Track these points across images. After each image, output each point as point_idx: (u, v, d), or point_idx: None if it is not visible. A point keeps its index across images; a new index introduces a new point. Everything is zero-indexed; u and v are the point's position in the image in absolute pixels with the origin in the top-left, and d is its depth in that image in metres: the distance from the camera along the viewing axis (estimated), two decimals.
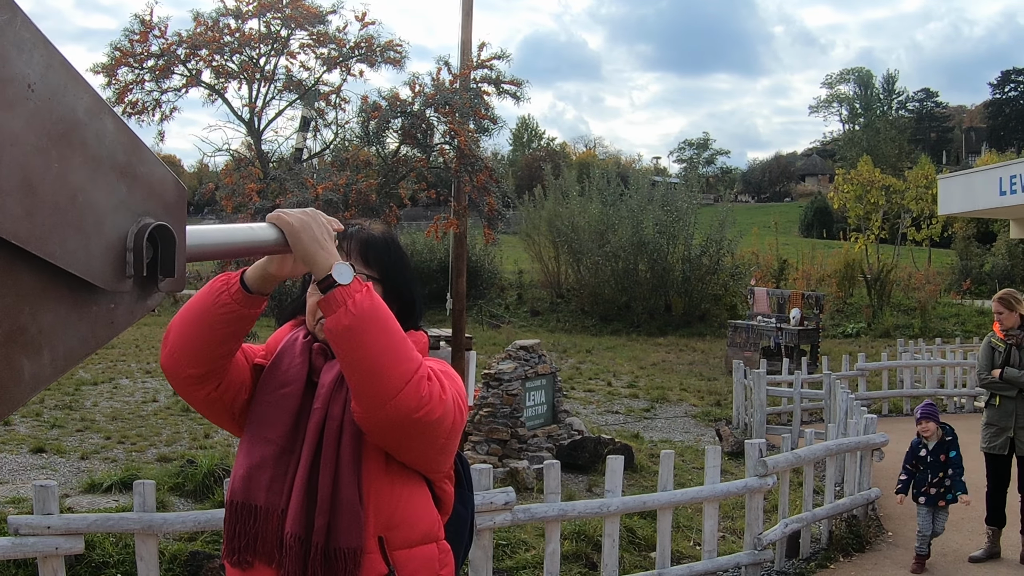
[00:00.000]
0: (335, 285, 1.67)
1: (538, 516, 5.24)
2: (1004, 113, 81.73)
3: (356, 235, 2.04)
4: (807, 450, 6.81)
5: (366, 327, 1.67)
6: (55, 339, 0.95)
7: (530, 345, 9.46)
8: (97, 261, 0.98)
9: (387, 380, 1.70)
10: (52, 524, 4.32)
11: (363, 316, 1.67)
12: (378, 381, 1.70)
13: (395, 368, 1.70)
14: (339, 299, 1.66)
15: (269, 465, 1.86)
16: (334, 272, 1.67)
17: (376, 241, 2.06)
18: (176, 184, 1.12)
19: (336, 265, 1.68)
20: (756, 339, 17.55)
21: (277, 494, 1.84)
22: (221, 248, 1.48)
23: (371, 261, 2.02)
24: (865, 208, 34.40)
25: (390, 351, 1.70)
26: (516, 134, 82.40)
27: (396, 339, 1.72)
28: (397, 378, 1.70)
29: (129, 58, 8.12)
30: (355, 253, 2.01)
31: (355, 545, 1.79)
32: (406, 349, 1.74)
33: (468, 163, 7.24)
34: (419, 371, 1.74)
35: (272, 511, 1.84)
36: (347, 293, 1.67)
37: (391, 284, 2.06)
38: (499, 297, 31.09)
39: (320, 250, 1.68)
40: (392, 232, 2.16)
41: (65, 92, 0.93)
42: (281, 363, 2.00)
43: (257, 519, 1.84)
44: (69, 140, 0.93)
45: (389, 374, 1.69)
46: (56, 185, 0.91)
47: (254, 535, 1.83)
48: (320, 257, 1.68)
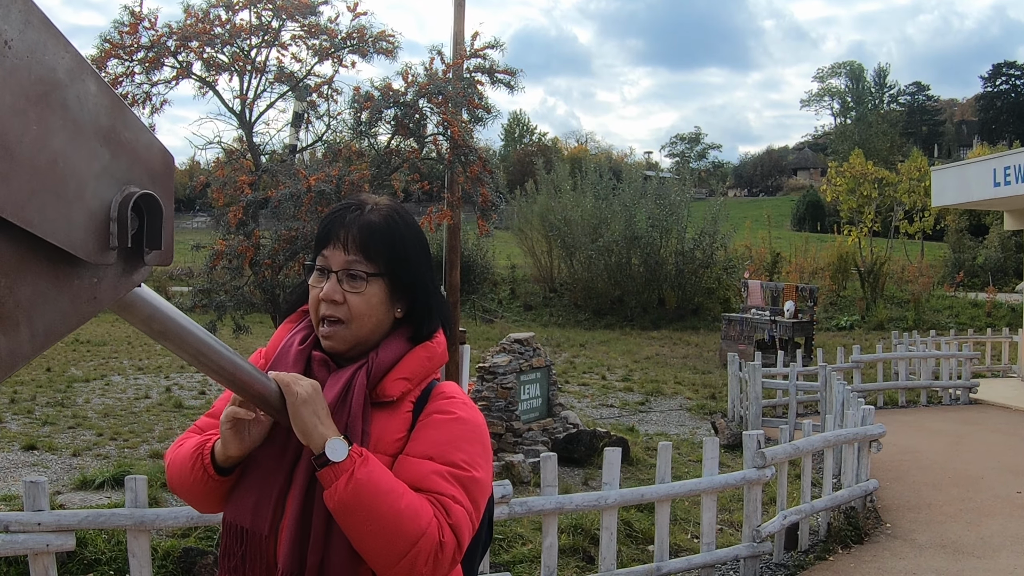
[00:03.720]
0: (328, 463, 1.58)
1: (535, 509, 5.20)
2: (995, 106, 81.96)
3: (356, 222, 1.79)
4: (805, 441, 6.78)
5: (351, 512, 1.57)
6: (34, 314, 0.89)
7: (524, 338, 9.41)
8: (79, 231, 0.92)
9: (381, 557, 1.60)
10: (43, 521, 4.26)
11: (347, 501, 1.57)
12: (372, 556, 1.61)
13: (384, 550, 1.59)
14: (328, 479, 1.58)
15: (255, 487, 1.75)
16: (327, 449, 1.58)
17: (379, 228, 1.80)
18: (163, 152, 1.06)
19: (329, 442, 1.59)
20: (750, 332, 17.54)
21: (262, 519, 1.73)
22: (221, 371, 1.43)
23: (372, 254, 1.78)
24: (858, 201, 34.46)
25: (378, 535, 1.58)
26: (507, 129, 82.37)
27: (385, 521, 1.58)
28: (391, 555, 1.59)
29: (119, 50, 8.03)
30: (353, 245, 1.77)
31: None
32: (397, 528, 1.59)
33: (462, 153, 7.18)
34: (416, 546, 1.59)
35: (257, 535, 1.74)
36: (336, 473, 1.57)
37: (397, 280, 1.82)
38: (492, 292, 31.04)
39: (318, 425, 1.60)
40: (399, 211, 1.88)
41: (45, 51, 0.87)
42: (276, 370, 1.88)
43: (244, 541, 1.75)
44: (48, 101, 0.88)
45: (382, 552, 1.59)
46: (34, 149, 0.85)
47: (241, 556, 1.75)
48: (317, 433, 1.59)
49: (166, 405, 12.25)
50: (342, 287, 1.76)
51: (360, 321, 1.78)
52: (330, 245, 1.80)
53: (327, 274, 1.78)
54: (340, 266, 1.77)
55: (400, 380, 1.77)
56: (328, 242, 1.80)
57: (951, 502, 7.89)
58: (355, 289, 1.77)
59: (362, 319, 1.78)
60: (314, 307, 1.80)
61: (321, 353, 1.81)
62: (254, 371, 1.54)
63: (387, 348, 1.80)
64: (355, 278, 1.77)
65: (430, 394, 1.82)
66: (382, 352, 1.79)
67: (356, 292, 1.77)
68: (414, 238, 1.87)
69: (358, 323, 1.78)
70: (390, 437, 1.74)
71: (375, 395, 1.76)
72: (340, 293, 1.76)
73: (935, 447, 10.23)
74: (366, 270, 1.77)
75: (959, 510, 7.63)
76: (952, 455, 9.80)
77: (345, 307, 1.76)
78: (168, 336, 1.31)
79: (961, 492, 8.21)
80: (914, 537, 6.89)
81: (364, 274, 1.77)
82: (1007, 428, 11.51)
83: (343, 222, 1.80)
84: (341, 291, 1.76)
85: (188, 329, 1.35)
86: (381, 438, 1.73)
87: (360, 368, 1.76)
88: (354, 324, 1.77)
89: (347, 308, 1.76)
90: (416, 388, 1.81)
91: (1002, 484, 8.49)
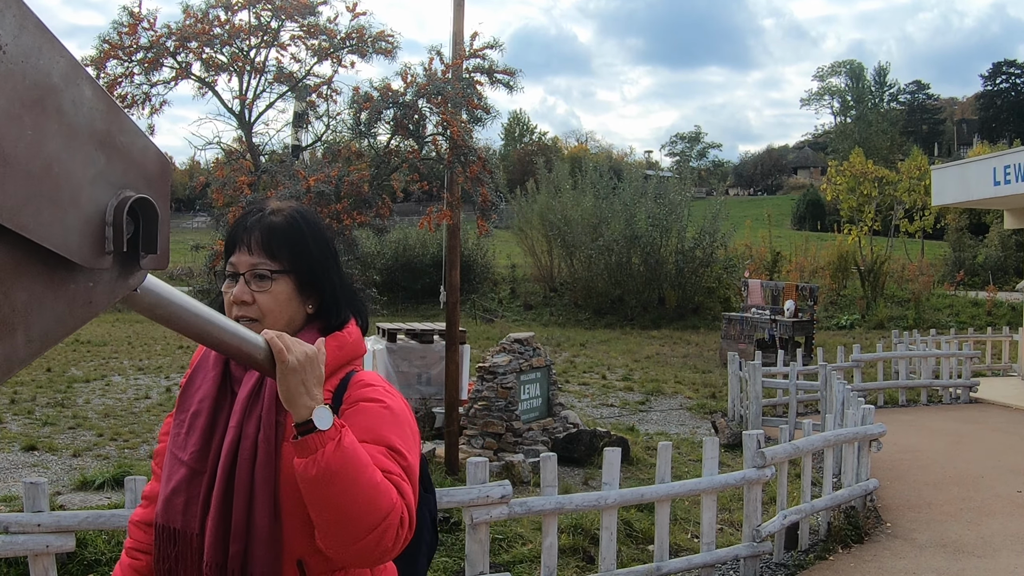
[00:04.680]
0: (313, 430, 1.59)
1: (535, 509, 5.20)
2: (996, 105, 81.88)
3: (257, 225, 1.87)
4: (805, 441, 6.78)
5: (333, 480, 1.59)
6: (30, 319, 0.89)
7: (524, 338, 9.41)
8: (74, 236, 0.92)
9: (349, 530, 1.62)
10: (42, 522, 4.26)
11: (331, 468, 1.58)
12: (340, 529, 1.63)
13: (358, 521, 1.62)
14: (312, 446, 1.58)
15: (183, 489, 1.80)
16: (315, 416, 1.60)
17: (279, 228, 1.87)
18: (159, 156, 1.06)
19: (317, 410, 1.61)
20: (750, 331, 17.54)
21: (192, 517, 1.78)
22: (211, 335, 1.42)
23: (275, 252, 1.85)
24: (858, 200, 34.47)
25: (355, 505, 1.61)
26: (507, 128, 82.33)
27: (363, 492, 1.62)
28: (360, 529, 1.62)
29: (118, 51, 8.03)
30: (257, 247, 1.85)
31: (272, 571, 1.72)
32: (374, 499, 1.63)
33: (461, 154, 7.18)
34: (386, 521, 1.64)
35: (189, 534, 1.78)
36: (321, 441, 1.59)
37: (303, 276, 1.88)
38: (492, 291, 31.04)
39: (304, 395, 1.61)
40: (301, 212, 1.96)
41: (40, 55, 0.87)
42: (195, 379, 1.93)
43: (176, 542, 1.79)
44: (43, 106, 0.87)
45: (352, 526, 1.62)
46: (29, 154, 0.85)
47: (175, 558, 1.79)
48: (303, 400, 1.60)
49: (166, 405, 12.24)
50: (250, 288, 1.84)
51: (272, 317, 1.84)
52: (236, 250, 1.88)
53: (236, 278, 1.86)
54: (246, 268, 1.85)
55: None
56: (234, 248, 1.88)
57: (951, 501, 7.89)
58: (262, 288, 1.84)
59: (273, 316, 1.84)
60: (228, 311, 1.86)
61: None
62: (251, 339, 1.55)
63: None
64: (261, 278, 1.84)
65: (348, 383, 1.87)
66: None
67: (264, 291, 1.84)
68: (317, 236, 1.94)
69: (270, 320, 1.84)
70: None
71: None
72: (249, 294, 1.83)
73: (935, 446, 10.22)
74: (271, 268, 1.84)
75: (959, 509, 7.62)
76: (952, 454, 9.80)
77: (255, 306, 1.83)
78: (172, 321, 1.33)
79: (961, 491, 8.21)
80: (914, 536, 6.89)
81: (269, 272, 1.84)
82: (1007, 427, 11.51)
83: (246, 226, 1.89)
84: (250, 292, 1.83)
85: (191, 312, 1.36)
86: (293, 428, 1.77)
87: None
88: (267, 321, 1.83)
89: (257, 307, 1.83)
90: (331, 378, 1.85)
91: (1002, 483, 8.49)
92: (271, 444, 1.75)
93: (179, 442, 1.86)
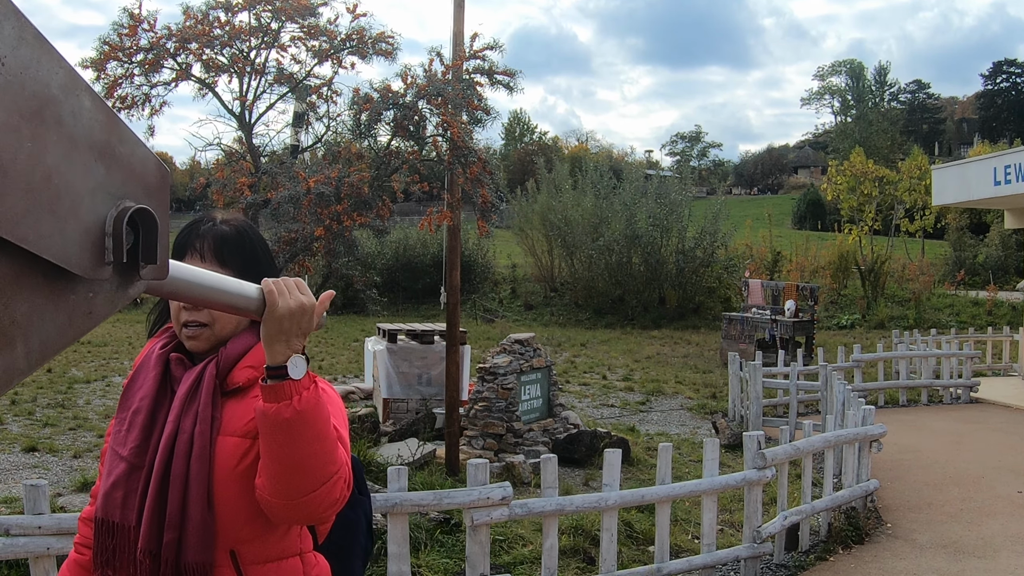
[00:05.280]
0: (286, 377, 1.64)
1: (535, 511, 5.20)
2: (996, 104, 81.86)
3: (209, 233, 1.97)
4: (806, 442, 6.78)
5: (306, 426, 1.65)
6: (30, 330, 0.89)
7: (525, 339, 9.41)
8: (74, 247, 0.92)
9: (307, 479, 1.69)
10: (43, 524, 4.26)
11: (306, 414, 1.65)
12: (298, 478, 1.68)
13: (318, 470, 1.69)
14: (287, 392, 1.63)
15: (122, 483, 1.86)
16: (290, 364, 1.64)
17: (230, 237, 1.98)
18: (158, 166, 1.06)
19: (294, 357, 1.64)
20: (751, 331, 17.54)
21: (130, 510, 1.83)
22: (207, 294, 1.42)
23: (226, 259, 1.95)
24: (858, 199, 34.47)
25: (319, 454, 1.68)
26: (508, 128, 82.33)
27: (328, 442, 1.70)
28: (317, 480, 1.69)
29: (118, 52, 8.03)
30: (209, 253, 1.95)
31: (204, 560, 1.78)
32: (334, 451, 1.72)
33: (461, 155, 7.17)
34: (339, 472, 1.73)
35: (127, 527, 1.83)
36: (296, 388, 1.64)
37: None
38: (493, 291, 31.05)
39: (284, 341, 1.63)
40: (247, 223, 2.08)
41: (38, 67, 0.87)
42: (137, 379, 1.99)
43: (114, 535, 1.84)
44: (42, 117, 0.88)
45: (311, 475, 1.68)
46: (29, 165, 0.85)
47: (112, 551, 1.84)
48: (281, 347, 1.64)
49: None
50: None
51: (221, 322, 1.93)
52: (187, 256, 1.96)
53: None
54: None
55: (246, 368, 1.89)
56: (184, 253, 1.97)
57: (952, 502, 7.89)
58: None
59: (222, 320, 1.92)
60: (175, 315, 1.95)
61: (178, 354, 1.96)
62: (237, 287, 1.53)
63: (236, 342, 1.93)
64: None
65: None
66: (231, 345, 1.92)
67: None
68: (262, 246, 2.07)
69: (220, 324, 1.93)
70: (240, 420, 1.85)
71: (226, 384, 1.89)
72: None
73: (936, 446, 10.22)
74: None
75: (960, 510, 7.62)
76: (953, 454, 9.80)
77: (206, 312, 1.91)
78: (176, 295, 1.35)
79: (962, 492, 8.21)
80: (915, 537, 6.89)
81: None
82: (1008, 427, 11.51)
83: (198, 233, 1.99)
84: None
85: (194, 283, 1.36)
86: (230, 422, 1.85)
87: (211, 362, 1.90)
88: (216, 325, 1.93)
89: (207, 312, 1.91)
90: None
91: (1003, 483, 8.49)
92: (206, 438, 1.82)
93: (120, 439, 1.91)
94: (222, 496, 1.80)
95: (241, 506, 1.81)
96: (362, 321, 25.73)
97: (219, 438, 1.83)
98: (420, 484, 7.14)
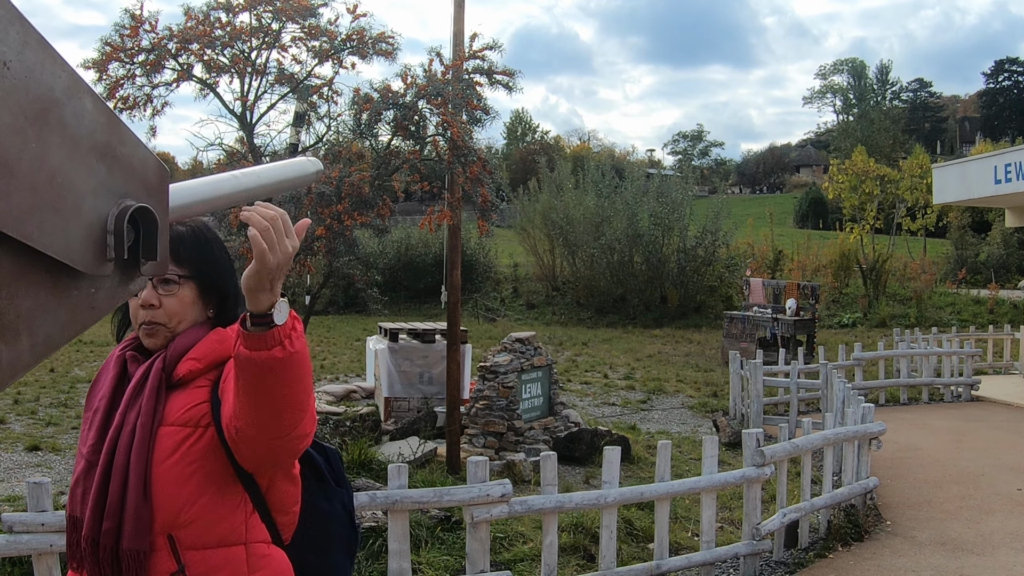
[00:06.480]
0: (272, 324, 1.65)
1: (535, 508, 5.23)
2: (998, 103, 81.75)
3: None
4: (805, 439, 6.81)
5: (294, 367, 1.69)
6: (34, 324, 0.92)
7: (525, 337, 9.44)
8: (76, 244, 0.95)
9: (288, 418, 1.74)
10: (46, 521, 4.30)
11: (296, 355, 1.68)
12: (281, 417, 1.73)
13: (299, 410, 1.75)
14: (276, 338, 1.65)
15: (81, 480, 1.92)
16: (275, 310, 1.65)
17: (185, 236, 2.01)
18: (158, 165, 1.09)
19: (279, 302, 1.67)
20: (752, 330, 17.55)
21: (87, 505, 1.89)
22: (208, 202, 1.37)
23: (182, 258, 1.98)
24: (860, 198, 34.45)
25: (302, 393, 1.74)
26: (510, 128, 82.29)
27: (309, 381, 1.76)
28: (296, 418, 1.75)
29: (120, 53, 8.06)
30: None
31: (140, 546, 1.82)
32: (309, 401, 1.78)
33: (461, 154, 7.21)
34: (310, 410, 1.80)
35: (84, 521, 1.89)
36: (284, 332, 1.66)
37: (206, 280, 2.03)
38: (495, 291, 31.08)
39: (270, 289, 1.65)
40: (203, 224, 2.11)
41: (42, 70, 0.90)
42: (99, 380, 2.05)
43: (76, 529, 1.91)
44: (46, 119, 0.91)
45: (293, 415, 1.74)
46: (33, 166, 0.88)
47: (75, 544, 1.91)
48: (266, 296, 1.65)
49: None
50: (157, 292, 1.98)
51: (176, 319, 1.99)
52: None
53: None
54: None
55: (189, 361, 1.94)
56: None
57: (951, 499, 7.91)
58: (169, 292, 1.98)
59: (177, 318, 1.99)
60: (134, 314, 2.01)
61: (134, 352, 2.02)
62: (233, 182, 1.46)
63: (184, 336, 1.98)
64: (168, 282, 1.97)
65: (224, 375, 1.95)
66: (179, 339, 1.98)
67: (170, 295, 1.98)
68: (218, 245, 2.11)
69: (175, 322, 1.99)
70: (180, 409, 1.90)
71: (172, 378, 1.94)
72: (156, 297, 1.97)
73: (936, 444, 10.24)
74: (178, 274, 1.98)
75: (959, 507, 7.64)
76: (953, 452, 9.82)
77: (162, 310, 1.98)
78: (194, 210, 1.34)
79: (962, 489, 8.23)
80: (914, 535, 6.92)
81: (176, 277, 1.97)
82: (1009, 425, 11.53)
83: None
84: (157, 295, 1.97)
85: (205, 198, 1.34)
86: (171, 412, 1.90)
87: (160, 355, 1.96)
88: (172, 323, 1.99)
89: (163, 311, 1.98)
90: (212, 370, 1.96)
91: (1003, 481, 8.51)
92: (146, 429, 1.86)
93: (83, 438, 1.98)
94: (160, 483, 1.84)
95: (180, 492, 1.85)
96: (364, 320, 25.77)
97: (160, 428, 1.88)
98: (421, 482, 7.18)
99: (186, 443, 1.86)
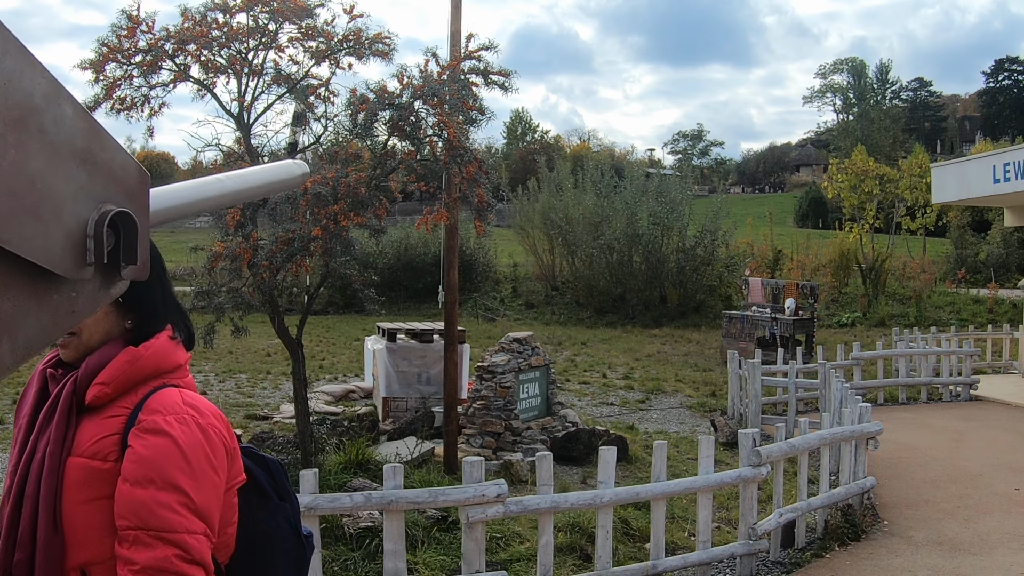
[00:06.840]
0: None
1: (530, 508, 5.24)
2: (998, 102, 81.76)
3: None
4: (801, 439, 6.81)
5: None
6: (14, 328, 0.93)
7: (523, 337, 9.45)
8: (57, 249, 0.96)
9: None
10: None
11: None
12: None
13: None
14: None
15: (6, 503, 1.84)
16: None
17: None
18: (138, 170, 1.10)
19: None
20: (751, 329, 17.56)
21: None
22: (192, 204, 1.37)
23: None
24: (860, 198, 34.45)
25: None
26: (510, 127, 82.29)
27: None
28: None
29: (116, 54, 8.06)
30: None
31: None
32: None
33: (457, 155, 7.21)
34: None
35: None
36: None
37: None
38: (494, 290, 31.08)
39: None
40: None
41: (21, 77, 0.91)
42: (24, 396, 1.96)
43: None
44: (26, 126, 0.91)
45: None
46: (12, 172, 0.89)
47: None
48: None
49: None
50: None
51: (87, 332, 1.83)
52: None
53: None
54: None
55: (97, 386, 1.80)
56: None
57: (949, 499, 7.92)
58: None
59: (89, 331, 1.83)
60: None
61: (53, 369, 1.89)
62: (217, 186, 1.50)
63: (97, 354, 1.84)
64: None
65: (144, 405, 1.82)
66: (91, 359, 1.83)
67: None
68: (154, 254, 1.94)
69: (86, 335, 1.83)
70: (88, 440, 1.77)
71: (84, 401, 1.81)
72: None
73: (935, 444, 10.25)
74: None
75: (957, 507, 7.65)
76: (952, 452, 9.82)
77: None
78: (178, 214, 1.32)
79: (959, 489, 8.24)
80: (911, 534, 6.92)
81: None
82: (1007, 425, 11.53)
83: None
84: None
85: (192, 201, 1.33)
86: (81, 442, 1.78)
87: (71, 377, 1.82)
88: (84, 335, 1.83)
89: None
90: (125, 396, 1.83)
91: (1001, 481, 8.52)
92: (56, 459, 1.75)
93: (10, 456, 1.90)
94: (70, 517, 1.75)
95: (90, 526, 1.75)
96: (363, 320, 25.77)
97: (69, 459, 1.77)
98: (418, 482, 7.18)
99: (95, 478, 1.75)
